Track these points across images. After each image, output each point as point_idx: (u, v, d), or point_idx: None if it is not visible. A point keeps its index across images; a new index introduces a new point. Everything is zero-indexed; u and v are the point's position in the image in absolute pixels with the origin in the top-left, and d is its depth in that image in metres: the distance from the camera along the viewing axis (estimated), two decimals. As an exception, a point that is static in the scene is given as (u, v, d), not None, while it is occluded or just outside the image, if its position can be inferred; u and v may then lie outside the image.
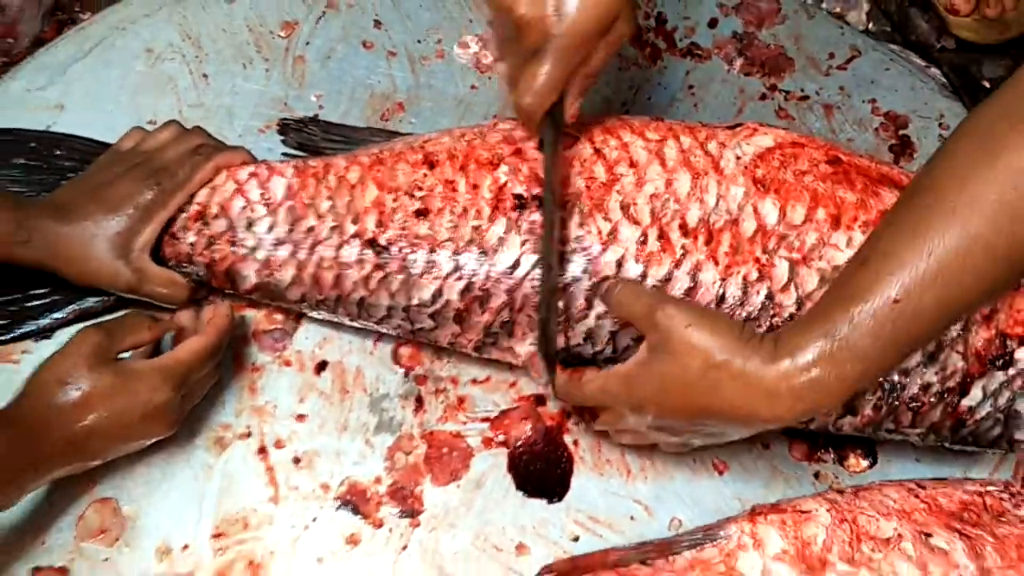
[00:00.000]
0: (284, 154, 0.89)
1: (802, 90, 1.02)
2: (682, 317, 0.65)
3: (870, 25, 1.11)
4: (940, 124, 1.00)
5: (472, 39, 0.99)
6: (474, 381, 0.83)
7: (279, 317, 0.83)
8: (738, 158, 0.78)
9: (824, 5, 1.10)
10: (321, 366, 0.82)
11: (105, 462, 0.73)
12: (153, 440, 0.74)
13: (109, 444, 0.72)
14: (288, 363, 0.82)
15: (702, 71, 1.02)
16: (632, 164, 0.77)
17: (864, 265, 0.63)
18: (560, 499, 0.79)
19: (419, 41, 0.99)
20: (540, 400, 0.82)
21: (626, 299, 0.70)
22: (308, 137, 0.90)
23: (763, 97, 1.01)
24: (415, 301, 0.76)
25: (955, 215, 0.61)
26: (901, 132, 0.99)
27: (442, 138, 0.81)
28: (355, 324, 0.80)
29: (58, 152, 0.86)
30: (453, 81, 0.97)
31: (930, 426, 0.76)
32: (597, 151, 0.78)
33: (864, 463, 0.83)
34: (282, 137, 0.90)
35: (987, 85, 1.05)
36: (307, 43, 0.97)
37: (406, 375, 0.83)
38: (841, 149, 0.81)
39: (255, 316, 0.83)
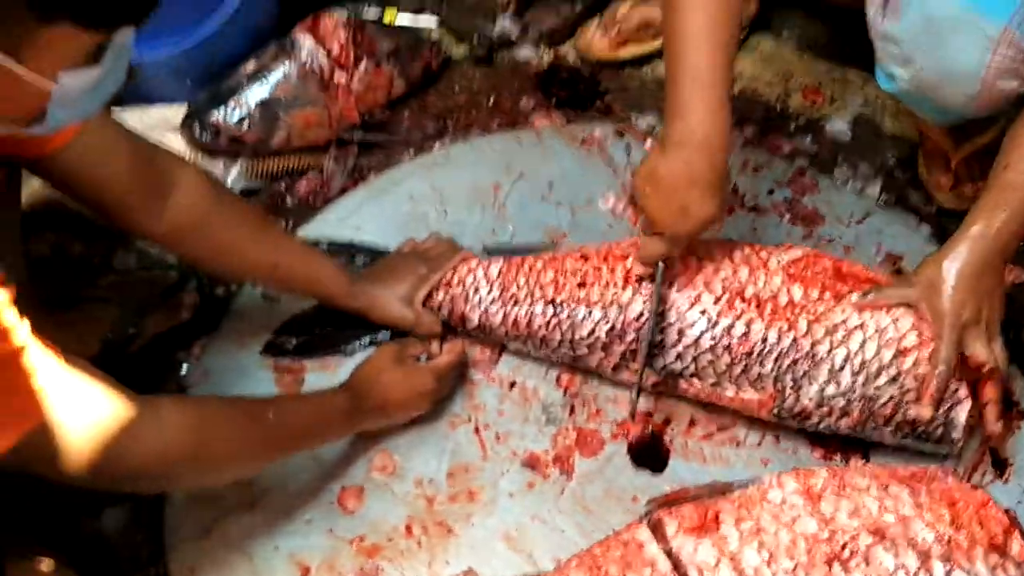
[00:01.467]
0: (491, 260, 1.40)
1: (830, 236, 1.47)
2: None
3: (881, 196, 1.56)
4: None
5: (610, 195, 1.49)
6: (608, 398, 1.30)
7: (488, 352, 1.33)
8: (779, 262, 1.25)
9: (849, 183, 1.59)
10: (512, 384, 1.31)
11: (388, 427, 1.22)
12: (417, 414, 1.23)
13: (397, 411, 1.20)
14: (493, 380, 1.31)
15: (761, 222, 1.49)
16: (711, 260, 1.26)
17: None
18: (660, 472, 1.24)
19: (576, 196, 1.50)
20: (649, 414, 1.29)
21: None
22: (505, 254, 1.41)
23: (803, 239, 1.46)
24: (577, 336, 1.24)
25: None
26: (897, 264, 1.45)
27: (591, 246, 1.32)
28: (536, 354, 1.29)
29: (358, 254, 1.40)
30: (597, 221, 1.47)
31: (896, 426, 1.19)
32: (692, 252, 1.27)
33: (861, 462, 1.26)
34: (488, 254, 1.41)
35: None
36: (507, 195, 1.49)
37: (565, 392, 1.30)
38: (845, 262, 1.28)
39: (474, 350, 1.33)
